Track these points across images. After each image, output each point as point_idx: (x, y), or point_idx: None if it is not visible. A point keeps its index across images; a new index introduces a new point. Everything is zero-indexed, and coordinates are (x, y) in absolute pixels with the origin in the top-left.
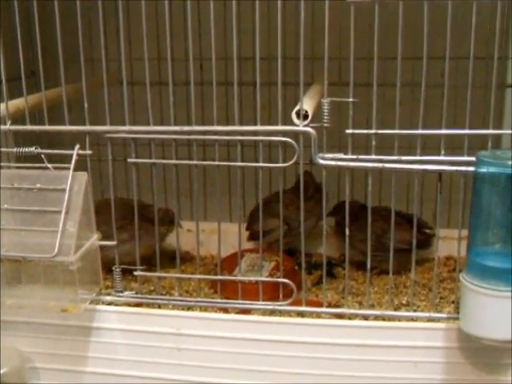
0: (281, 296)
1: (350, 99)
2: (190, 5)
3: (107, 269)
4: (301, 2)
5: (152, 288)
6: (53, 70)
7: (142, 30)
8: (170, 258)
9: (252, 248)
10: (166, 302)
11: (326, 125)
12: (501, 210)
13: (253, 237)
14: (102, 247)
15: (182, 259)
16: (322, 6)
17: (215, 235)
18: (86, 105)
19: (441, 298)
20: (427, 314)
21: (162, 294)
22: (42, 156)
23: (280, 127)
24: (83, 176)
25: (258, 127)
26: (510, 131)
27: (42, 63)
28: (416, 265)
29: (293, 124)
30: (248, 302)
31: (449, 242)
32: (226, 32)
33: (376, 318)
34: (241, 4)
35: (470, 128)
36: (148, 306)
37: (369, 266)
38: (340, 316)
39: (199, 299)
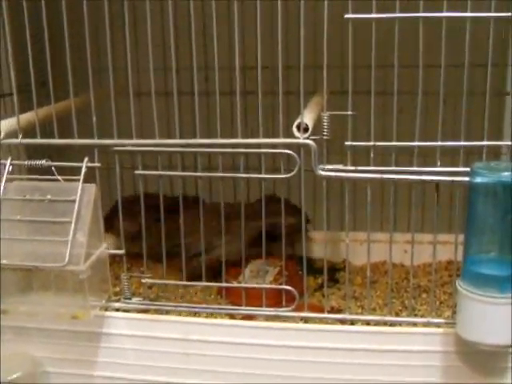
0: (284, 302)
1: (349, 112)
2: (194, 15)
3: None
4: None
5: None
6: (62, 80)
7: (148, 41)
8: None
9: (256, 254)
10: (172, 308)
11: (325, 137)
12: (495, 218)
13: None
14: None
15: None
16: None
17: None
18: (94, 118)
19: (440, 302)
20: (426, 320)
21: (169, 300)
22: (53, 168)
23: (282, 140)
24: (92, 187)
25: (261, 140)
26: (504, 143)
27: (51, 75)
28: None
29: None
30: (252, 308)
31: (450, 247)
32: (231, 42)
33: (377, 322)
34: (244, 14)
35: (469, 135)
36: (156, 311)
37: (368, 273)
38: (342, 321)
39: (205, 305)
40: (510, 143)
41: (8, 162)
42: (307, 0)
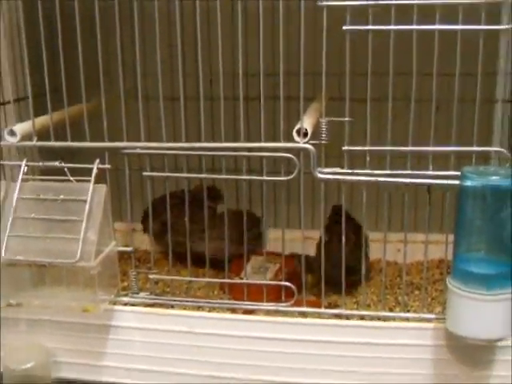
0: (283, 297)
1: (347, 118)
2: (199, 24)
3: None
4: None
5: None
6: (73, 86)
7: (156, 48)
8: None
9: (258, 251)
10: (178, 302)
11: (324, 142)
12: (483, 220)
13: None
14: None
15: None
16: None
17: None
18: (105, 123)
19: (432, 298)
20: (418, 315)
21: (175, 294)
22: (66, 169)
23: (283, 144)
24: (103, 188)
25: (263, 144)
26: (492, 148)
27: (64, 81)
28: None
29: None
30: (253, 303)
31: (442, 246)
32: (234, 50)
33: (371, 317)
34: (247, 22)
35: (460, 140)
36: (162, 305)
37: (363, 271)
38: (338, 316)
39: (208, 300)
40: (498, 149)
41: (23, 163)
42: (308, 1)
